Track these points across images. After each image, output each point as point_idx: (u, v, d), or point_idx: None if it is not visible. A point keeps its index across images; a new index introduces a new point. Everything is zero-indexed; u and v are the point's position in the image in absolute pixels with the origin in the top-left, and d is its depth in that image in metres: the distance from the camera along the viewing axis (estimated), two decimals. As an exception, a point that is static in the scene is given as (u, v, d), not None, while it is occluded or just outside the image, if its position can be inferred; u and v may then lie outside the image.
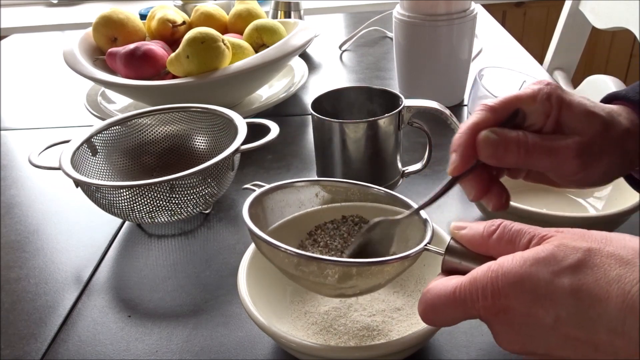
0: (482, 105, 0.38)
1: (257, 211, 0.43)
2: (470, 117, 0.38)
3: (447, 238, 0.44)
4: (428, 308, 0.32)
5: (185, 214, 0.58)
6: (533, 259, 0.28)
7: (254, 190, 0.44)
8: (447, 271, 0.34)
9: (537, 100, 0.37)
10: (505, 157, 0.36)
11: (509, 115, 0.37)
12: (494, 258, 0.31)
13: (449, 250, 0.34)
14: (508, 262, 0.29)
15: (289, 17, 1.13)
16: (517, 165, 0.37)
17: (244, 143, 0.59)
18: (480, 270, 0.30)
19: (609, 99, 0.41)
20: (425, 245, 0.37)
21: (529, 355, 0.30)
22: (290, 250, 0.36)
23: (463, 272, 0.32)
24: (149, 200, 0.55)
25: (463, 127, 0.37)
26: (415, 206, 0.40)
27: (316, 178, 0.48)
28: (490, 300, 0.29)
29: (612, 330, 0.26)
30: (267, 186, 0.45)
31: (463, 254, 0.34)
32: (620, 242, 0.28)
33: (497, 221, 0.32)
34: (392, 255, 0.40)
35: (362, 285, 0.38)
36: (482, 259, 0.32)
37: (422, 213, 0.41)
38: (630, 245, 0.27)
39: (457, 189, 0.65)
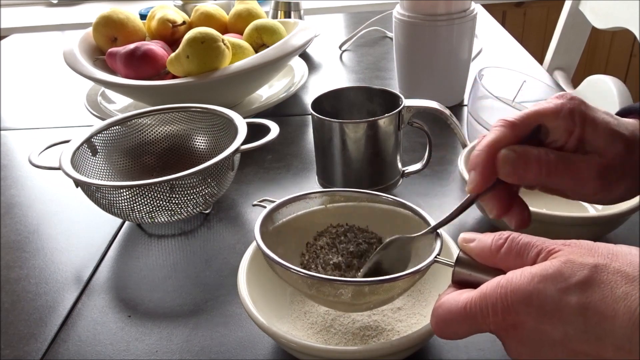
0: (501, 121, 0.36)
1: (267, 228, 0.43)
2: (489, 133, 0.36)
3: (449, 239, 0.45)
4: (440, 323, 0.32)
5: (185, 214, 0.58)
6: (541, 276, 0.28)
7: (264, 207, 0.44)
8: (458, 282, 0.34)
9: (560, 117, 0.35)
10: (526, 176, 0.35)
11: (531, 131, 0.36)
12: (503, 270, 0.31)
13: (459, 262, 0.34)
14: (517, 278, 0.29)
15: (289, 17, 1.13)
16: (537, 184, 0.36)
17: (244, 143, 0.59)
18: (489, 286, 0.30)
19: (623, 112, 0.40)
20: (435, 257, 0.37)
21: None
22: (304, 273, 0.37)
23: (473, 283, 0.32)
24: (149, 200, 0.55)
25: (482, 144, 0.36)
26: (433, 223, 0.40)
27: (324, 189, 0.48)
28: (500, 316, 0.29)
29: (619, 348, 0.26)
30: (277, 202, 0.45)
31: (473, 265, 0.34)
32: (626, 257, 0.28)
33: (504, 234, 0.32)
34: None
35: (375, 301, 0.39)
36: (491, 270, 0.33)
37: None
38: (637, 262, 0.28)
39: (456, 191, 0.65)
